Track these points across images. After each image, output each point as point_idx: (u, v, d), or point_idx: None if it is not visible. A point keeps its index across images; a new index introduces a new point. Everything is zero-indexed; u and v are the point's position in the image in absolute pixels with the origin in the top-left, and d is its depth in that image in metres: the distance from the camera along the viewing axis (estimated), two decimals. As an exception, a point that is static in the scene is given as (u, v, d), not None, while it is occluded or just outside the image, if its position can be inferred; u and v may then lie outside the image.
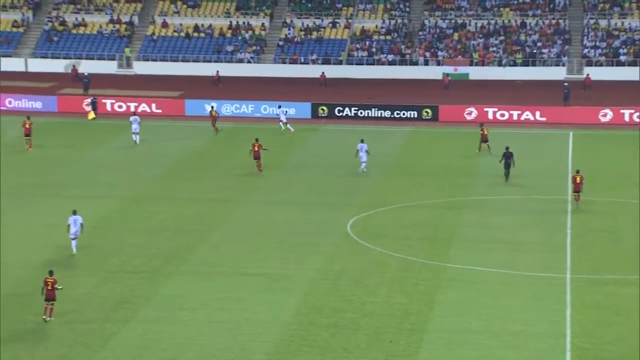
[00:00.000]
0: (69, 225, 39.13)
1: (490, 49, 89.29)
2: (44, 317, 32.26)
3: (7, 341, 31.01)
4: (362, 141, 54.07)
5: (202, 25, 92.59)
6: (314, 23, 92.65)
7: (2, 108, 72.01)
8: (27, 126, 58.51)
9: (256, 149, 53.04)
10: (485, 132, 58.59)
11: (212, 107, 66.02)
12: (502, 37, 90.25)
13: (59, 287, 32.49)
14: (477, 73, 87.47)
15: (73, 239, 39.19)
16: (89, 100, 71.24)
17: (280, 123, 64.69)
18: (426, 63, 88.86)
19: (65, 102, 73.37)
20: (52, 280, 32.40)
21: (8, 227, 43.29)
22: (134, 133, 60.62)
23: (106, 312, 33.40)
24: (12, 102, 72.43)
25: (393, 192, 50.11)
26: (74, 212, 39.36)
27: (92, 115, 68.63)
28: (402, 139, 64.39)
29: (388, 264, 38.75)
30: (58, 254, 39.57)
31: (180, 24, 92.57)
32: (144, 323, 32.50)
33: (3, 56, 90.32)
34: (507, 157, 51.89)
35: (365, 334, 31.76)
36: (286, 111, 66.04)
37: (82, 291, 35.19)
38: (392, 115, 70.49)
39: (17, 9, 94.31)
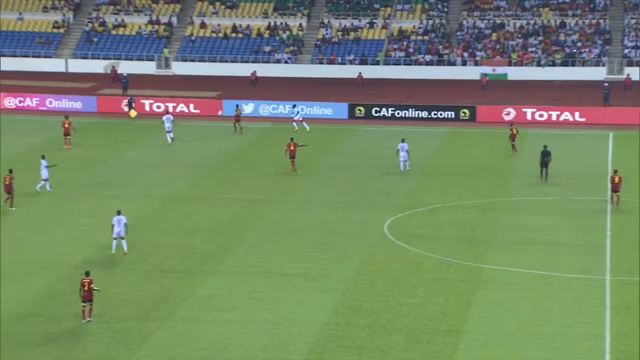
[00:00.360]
0: (112, 225, 39.38)
1: (529, 49, 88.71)
2: (82, 320, 32.28)
3: (45, 340, 31.31)
4: (402, 141, 54.17)
5: (240, 25, 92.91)
6: (352, 23, 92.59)
7: (42, 108, 72.81)
8: (66, 125, 59.49)
9: (292, 148, 53.22)
10: (514, 132, 58.34)
11: (237, 106, 66.60)
12: (541, 37, 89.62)
13: (95, 288, 32.55)
14: (515, 73, 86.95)
15: (115, 238, 39.39)
16: (127, 100, 71.74)
17: (294, 123, 65.13)
18: (464, 63, 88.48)
19: (105, 102, 73.99)
20: (88, 281, 32.43)
21: (48, 225, 43.73)
22: (167, 132, 61.27)
23: (144, 311, 33.61)
24: (53, 102, 73.19)
25: (430, 192, 49.95)
26: (118, 212, 39.57)
27: (134, 113, 69.14)
28: (439, 139, 64.15)
29: (425, 265, 38.63)
30: (97, 253, 39.87)
31: (218, 25, 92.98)
32: (181, 322, 32.66)
33: (44, 57, 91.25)
34: (545, 155, 51.75)
35: (402, 335, 31.69)
36: (298, 112, 66.19)
37: (120, 290, 35.43)
38: (430, 116, 70.24)
39: (58, 10, 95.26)
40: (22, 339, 31.25)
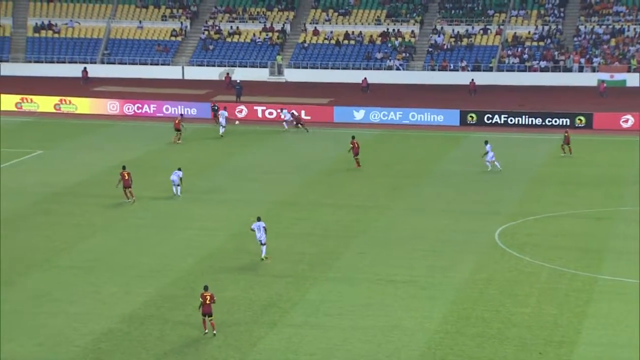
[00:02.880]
0: (253, 231, 39.70)
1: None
2: (205, 331, 32.33)
3: (159, 342, 31.92)
4: (486, 142, 55.53)
5: (353, 32, 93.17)
6: (465, 30, 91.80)
7: (159, 114, 74.47)
8: (177, 122, 64.40)
9: (355, 145, 54.90)
10: (568, 135, 58.93)
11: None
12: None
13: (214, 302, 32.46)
14: (635, 80, 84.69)
15: (263, 244, 39.56)
16: (240, 106, 72.73)
17: (285, 123, 67.93)
18: (580, 70, 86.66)
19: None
20: (209, 295, 32.35)
21: (162, 229, 44.62)
22: (222, 126, 65.65)
23: (254, 315, 33.97)
24: (169, 109, 74.78)
25: (543, 201, 49.08)
26: (258, 219, 39.97)
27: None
28: (553, 147, 62.98)
29: (537, 274, 37.95)
30: (208, 257, 40.47)
31: (331, 32, 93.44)
32: (291, 327, 32.89)
33: (162, 64, 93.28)
34: None
35: (513, 345, 31.22)
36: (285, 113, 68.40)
37: (232, 294, 35.89)
38: (544, 123, 69.07)
39: (176, 18, 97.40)
40: (137, 341, 31.96)
